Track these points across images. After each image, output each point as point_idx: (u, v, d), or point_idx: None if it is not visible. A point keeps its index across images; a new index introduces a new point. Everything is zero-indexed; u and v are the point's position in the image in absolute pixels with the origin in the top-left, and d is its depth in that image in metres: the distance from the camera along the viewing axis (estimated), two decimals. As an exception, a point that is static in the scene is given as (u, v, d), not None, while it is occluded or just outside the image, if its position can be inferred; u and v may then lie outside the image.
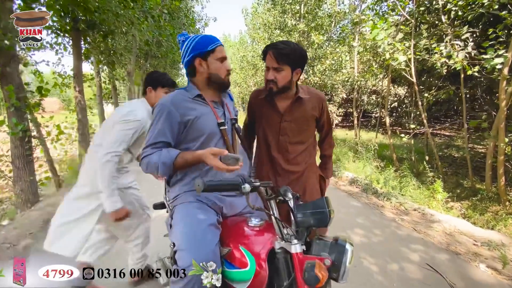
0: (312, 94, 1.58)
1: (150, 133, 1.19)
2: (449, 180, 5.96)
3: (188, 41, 1.28)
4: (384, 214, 3.55)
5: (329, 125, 1.74)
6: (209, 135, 1.24)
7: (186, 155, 1.15)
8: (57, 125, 5.13)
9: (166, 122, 1.17)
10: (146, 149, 1.18)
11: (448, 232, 3.11)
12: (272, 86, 1.44)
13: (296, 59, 1.40)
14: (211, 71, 1.26)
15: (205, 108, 1.27)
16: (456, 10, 4.76)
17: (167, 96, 1.24)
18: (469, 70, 4.12)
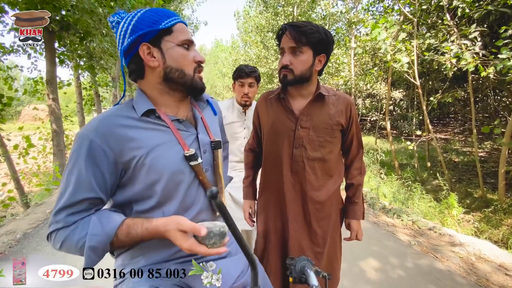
0: (338, 95, 1.20)
1: (63, 186, 0.70)
2: (456, 189, 5.58)
3: (126, 19, 0.76)
4: (397, 236, 3.11)
5: (359, 143, 1.28)
6: (171, 179, 0.75)
7: (134, 228, 0.70)
8: (25, 136, 4.58)
9: (88, 165, 0.69)
10: (57, 217, 0.68)
11: (473, 258, 2.68)
12: (287, 73, 1.07)
13: (320, 40, 1.04)
14: (169, 63, 0.76)
15: (162, 134, 0.76)
16: (463, 7, 4.42)
17: (91, 121, 0.73)
18: (482, 71, 3.74)
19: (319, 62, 1.09)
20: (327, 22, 11.03)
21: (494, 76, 3.90)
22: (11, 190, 4.00)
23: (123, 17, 0.78)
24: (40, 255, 2.69)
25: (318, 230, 1.21)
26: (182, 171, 0.76)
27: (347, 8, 8.11)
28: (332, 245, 1.26)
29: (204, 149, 0.84)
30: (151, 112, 0.76)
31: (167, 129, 0.77)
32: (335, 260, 1.28)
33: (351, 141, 1.25)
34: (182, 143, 0.77)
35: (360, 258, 2.60)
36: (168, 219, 0.70)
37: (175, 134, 0.78)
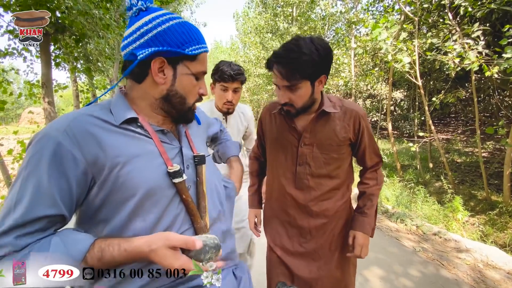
0: (345, 108, 1.11)
1: (12, 199, 0.56)
2: (460, 191, 5.48)
3: (152, 20, 0.67)
4: (401, 242, 3.01)
5: (375, 153, 1.18)
6: (148, 196, 0.65)
7: (109, 251, 0.58)
8: (20, 141, 4.48)
9: (52, 174, 0.57)
10: (3, 240, 0.54)
11: (481, 266, 2.58)
12: (289, 109, 1.04)
13: (315, 66, 0.93)
14: (176, 88, 0.70)
15: (142, 143, 0.68)
16: (465, 6, 4.33)
17: (59, 120, 0.62)
18: (487, 71, 3.65)
19: (320, 84, 1.01)
20: (327, 22, 10.95)
21: (498, 75, 3.81)
22: (3, 197, 3.90)
23: (149, 8, 0.69)
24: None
25: (325, 244, 1.16)
26: (162, 187, 0.67)
27: (346, 8, 8.04)
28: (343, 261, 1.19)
29: (187, 164, 0.76)
30: (132, 120, 0.68)
31: (149, 139, 0.69)
32: (348, 277, 1.20)
33: (363, 153, 1.17)
34: (165, 157, 0.69)
35: (364, 266, 2.50)
36: (153, 236, 0.60)
37: (158, 146, 0.69)
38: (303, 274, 1.13)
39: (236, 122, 1.69)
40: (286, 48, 0.92)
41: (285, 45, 0.94)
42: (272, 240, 1.23)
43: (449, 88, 5.81)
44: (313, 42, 0.91)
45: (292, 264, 1.15)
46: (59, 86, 5.55)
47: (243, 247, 1.67)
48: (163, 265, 0.59)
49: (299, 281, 1.13)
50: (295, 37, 0.95)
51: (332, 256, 1.16)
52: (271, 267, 1.20)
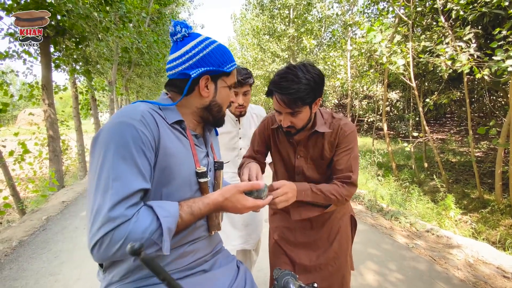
0: (333, 125, 1.16)
1: (111, 177, 0.63)
2: (454, 190, 5.60)
3: (198, 45, 0.81)
4: (395, 238, 3.11)
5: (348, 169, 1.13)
6: (181, 185, 0.78)
7: (197, 206, 0.73)
8: (21, 142, 4.54)
9: (139, 153, 0.66)
10: (114, 212, 0.61)
11: (471, 261, 2.68)
12: (289, 130, 1.11)
13: (313, 92, 1.02)
14: (217, 99, 0.86)
15: (183, 143, 0.80)
16: (457, 9, 4.45)
17: (129, 110, 0.71)
18: (477, 73, 3.77)
19: (315, 106, 1.08)
20: (323, 24, 11.08)
21: (489, 77, 3.93)
22: (6, 197, 3.95)
23: (191, 34, 0.83)
24: (36, 263, 2.65)
25: (324, 236, 1.26)
26: (190, 182, 0.80)
27: (342, 10, 8.15)
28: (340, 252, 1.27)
29: (210, 167, 0.89)
30: (179, 123, 0.81)
31: (186, 141, 0.81)
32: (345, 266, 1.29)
33: (334, 163, 1.14)
34: (195, 159, 0.82)
35: (358, 261, 2.59)
36: (224, 189, 0.76)
37: (192, 148, 0.82)
38: (304, 262, 1.24)
39: (249, 123, 1.77)
40: (286, 79, 0.99)
41: (283, 75, 1.00)
42: (276, 234, 1.33)
43: (443, 89, 5.94)
44: (309, 72, 1.00)
45: (294, 254, 1.25)
46: (58, 88, 5.61)
47: (252, 244, 1.70)
48: (237, 208, 0.76)
49: (299, 269, 1.24)
50: (290, 66, 1.02)
51: (330, 246, 1.26)
52: (275, 258, 1.30)
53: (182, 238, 0.79)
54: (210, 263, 0.89)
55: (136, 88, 15.06)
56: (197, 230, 0.83)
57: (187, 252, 0.81)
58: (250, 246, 1.68)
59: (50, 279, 2.37)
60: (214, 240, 0.93)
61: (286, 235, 1.30)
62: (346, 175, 1.13)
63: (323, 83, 1.05)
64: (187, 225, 0.71)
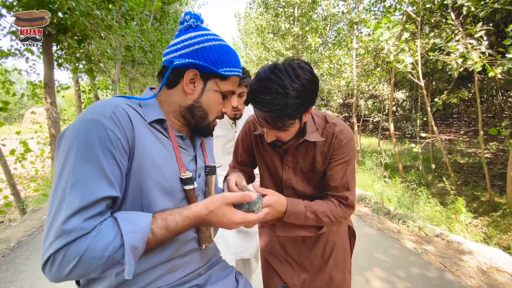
0: (326, 131, 0.97)
1: (70, 183, 0.54)
2: (463, 192, 5.44)
3: (197, 36, 0.71)
4: (403, 243, 2.99)
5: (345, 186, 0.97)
6: (162, 193, 0.66)
7: (172, 219, 0.61)
8: (23, 141, 4.51)
9: (105, 155, 0.57)
10: (69, 225, 0.51)
11: (484, 268, 2.56)
12: (275, 142, 0.94)
13: (303, 105, 0.80)
14: (202, 102, 0.73)
15: (164, 145, 0.70)
16: (468, 6, 4.30)
17: (100, 106, 0.61)
18: (490, 72, 3.62)
19: (307, 114, 0.88)
20: (328, 23, 10.93)
21: (501, 76, 3.78)
22: (6, 196, 3.92)
23: (198, 27, 0.75)
24: (33, 265, 2.60)
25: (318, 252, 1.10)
26: (174, 189, 0.69)
27: (348, 8, 8.01)
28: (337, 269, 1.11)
29: (199, 173, 0.79)
30: (159, 121, 0.71)
31: (169, 143, 0.71)
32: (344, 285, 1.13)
33: (328, 179, 0.98)
34: (180, 163, 0.71)
35: (365, 268, 2.48)
36: (208, 199, 0.66)
37: (176, 151, 0.71)
38: (297, 283, 1.09)
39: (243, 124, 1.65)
40: (270, 90, 0.76)
41: (266, 85, 0.77)
42: (265, 250, 1.18)
43: (452, 88, 5.78)
44: (298, 77, 0.78)
45: (286, 274, 1.11)
46: (61, 87, 5.58)
47: (251, 252, 1.61)
48: (223, 223, 0.65)
49: None
50: (274, 69, 0.79)
51: (326, 265, 1.10)
52: (267, 278, 1.16)
53: (170, 252, 0.69)
54: (205, 277, 0.79)
55: (140, 87, 15.07)
56: (187, 244, 0.74)
57: (177, 266, 0.72)
58: (248, 254, 1.58)
59: (45, 282, 2.31)
60: (209, 252, 0.84)
61: (276, 251, 1.15)
62: (342, 195, 0.97)
63: (316, 87, 0.83)
64: (161, 241, 0.60)
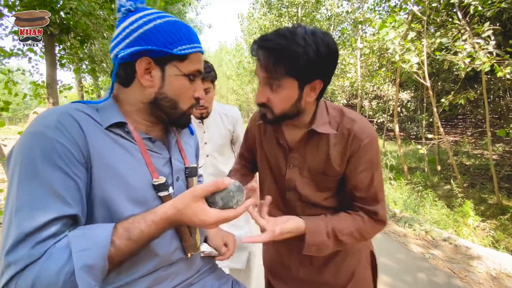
0: (342, 126, 0.80)
1: (15, 206, 0.48)
2: (470, 195, 5.34)
3: (138, 19, 0.61)
4: (409, 247, 2.92)
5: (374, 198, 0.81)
6: (132, 204, 0.59)
7: (136, 227, 0.53)
8: (25, 142, 4.49)
9: (53, 171, 0.50)
10: (17, 253, 0.46)
11: (493, 274, 2.48)
12: (265, 112, 0.78)
13: (308, 64, 0.67)
14: (166, 90, 0.64)
15: (129, 151, 0.62)
16: (475, 5, 4.22)
17: (45, 116, 0.55)
18: (498, 72, 3.54)
19: (312, 91, 0.74)
20: (332, 22, 10.86)
21: (510, 76, 3.69)
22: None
23: (138, 8, 0.64)
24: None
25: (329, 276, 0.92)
26: (146, 199, 0.62)
27: (353, 8, 7.94)
28: None
29: (177, 176, 0.71)
30: (119, 125, 0.62)
31: (135, 147, 0.63)
32: None
33: (352, 190, 0.81)
34: (150, 168, 0.63)
35: (371, 273, 2.42)
36: (179, 196, 0.56)
37: (144, 155, 0.63)
38: None
39: (216, 125, 1.50)
40: (278, 32, 0.68)
41: (278, 29, 0.70)
42: (268, 271, 1.05)
43: (458, 89, 5.68)
44: (314, 35, 0.67)
45: None
46: (64, 87, 5.57)
47: (242, 262, 1.52)
48: (195, 224, 0.54)
49: None
50: (295, 24, 0.72)
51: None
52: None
53: (154, 263, 0.63)
54: (198, 287, 0.74)
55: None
56: (172, 254, 0.67)
57: (164, 277, 0.66)
58: (239, 265, 1.49)
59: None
60: (197, 260, 0.77)
61: (280, 273, 1.00)
62: (371, 210, 0.80)
63: (331, 60, 0.71)
64: (128, 253, 0.53)
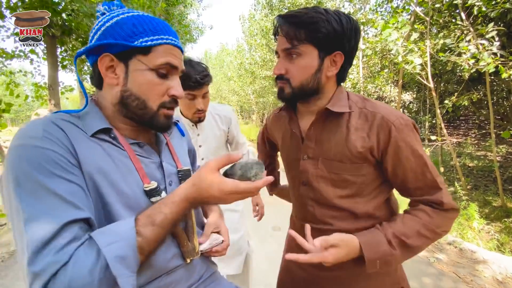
0: (367, 110, 0.74)
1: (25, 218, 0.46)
2: (473, 197, 5.28)
3: (105, 17, 0.61)
4: (413, 251, 2.88)
5: (431, 185, 0.72)
6: (125, 211, 0.58)
7: (158, 211, 0.53)
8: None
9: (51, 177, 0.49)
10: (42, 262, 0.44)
11: (500, 279, 2.44)
12: (283, 85, 0.73)
13: (330, 33, 0.67)
14: (130, 87, 0.60)
15: (117, 157, 0.60)
16: (479, 5, 4.18)
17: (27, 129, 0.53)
18: (503, 73, 3.50)
19: (332, 64, 0.71)
20: (334, 24, 10.83)
21: (514, 77, 3.65)
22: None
23: (111, 10, 0.63)
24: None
25: None
26: (140, 205, 0.60)
27: (355, 9, 7.92)
28: None
29: (170, 180, 0.68)
30: (105, 131, 0.60)
31: (123, 153, 0.61)
32: None
33: (404, 182, 0.72)
34: (141, 174, 0.61)
35: (375, 278, 2.38)
36: (192, 176, 0.56)
37: (133, 160, 0.61)
38: None
39: (210, 127, 1.47)
40: (299, 9, 0.69)
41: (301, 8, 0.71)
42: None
43: (462, 90, 5.64)
44: (338, 14, 0.68)
45: None
46: (65, 88, 5.58)
47: (237, 266, 1.49)
48: (215, 197, 0.53)
49: None
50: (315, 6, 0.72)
51: None
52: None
53: (153, 271, 0.61)
54: None
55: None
56: (170, 260, 0.65)
57: (165, 286, 0.64)
58: (235, 270, 1.47)
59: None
60: (198, 266, 0.75)
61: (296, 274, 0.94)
62: (434, 200, 0.70)
63: (353, 33, 0.70)
64: (157, 240, 0.52)
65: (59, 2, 3.97)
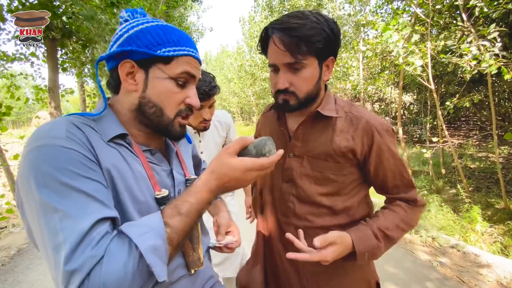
0: (352, 115, 0.79)
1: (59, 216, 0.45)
2: (476, 199, 5.25)
3: (129, 24, 0.61)
4: (416, 255, 2.85)
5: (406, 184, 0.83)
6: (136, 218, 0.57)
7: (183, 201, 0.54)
8: (26, 146, 4.47)
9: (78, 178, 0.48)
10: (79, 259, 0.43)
11: (504, 283, 2.41)
12: (287, 98, 0.74)
13: (325, 40, 0.69)
14: (149, 94, 0.60)
15: (131, 163, 0.60)
16: (481, 6, 4.16)
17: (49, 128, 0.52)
18: (506, 74, 3.48)
19: (327, 70, 0.76)
20: (334, 25, 10.84)
21: (516, 79, 3.63)
22: (9, 202, 3.88)
23: (135, 18, 0.63)
24: (32, 275, 2.52)
25: None
26: (151, 211, 0.59)
27: (355, 11, 7.92)
28: None
29: (179, 188, 0.68)
30: (121, 138, 0.60)
31: (136, 158, 0.61)
32: None
33: (383, 182, 0.81)
34: (153, 181, 0.61)
35: (378, 282, 2.35)
36: (210, 164, 0.57)
37: (146, 168, 0.61)
38: None
39: (212, 134, 1.51)
40: (288, 15, 0.69)
41: (286, 14, 0.71)
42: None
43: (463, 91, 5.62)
44: (320, 15, 0.70)
45: None
46: (66, 91, 5.57)
47: (233, 269, 1.50)
48: (237, 178, 0.54)
49: None
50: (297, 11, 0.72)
51: None
52: None
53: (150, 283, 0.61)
54: None
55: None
56: (175, 271, 0.64)
57: None
58: (230, 273, 1.47)
59: (43, 294, 2.23)
60: (201, 276, 0.74)
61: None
62: (409, 197, 0.81)
63: (339, 36, 0.73)
64: (184, 230, 0.52)
65: (60, 5, 3.97)
